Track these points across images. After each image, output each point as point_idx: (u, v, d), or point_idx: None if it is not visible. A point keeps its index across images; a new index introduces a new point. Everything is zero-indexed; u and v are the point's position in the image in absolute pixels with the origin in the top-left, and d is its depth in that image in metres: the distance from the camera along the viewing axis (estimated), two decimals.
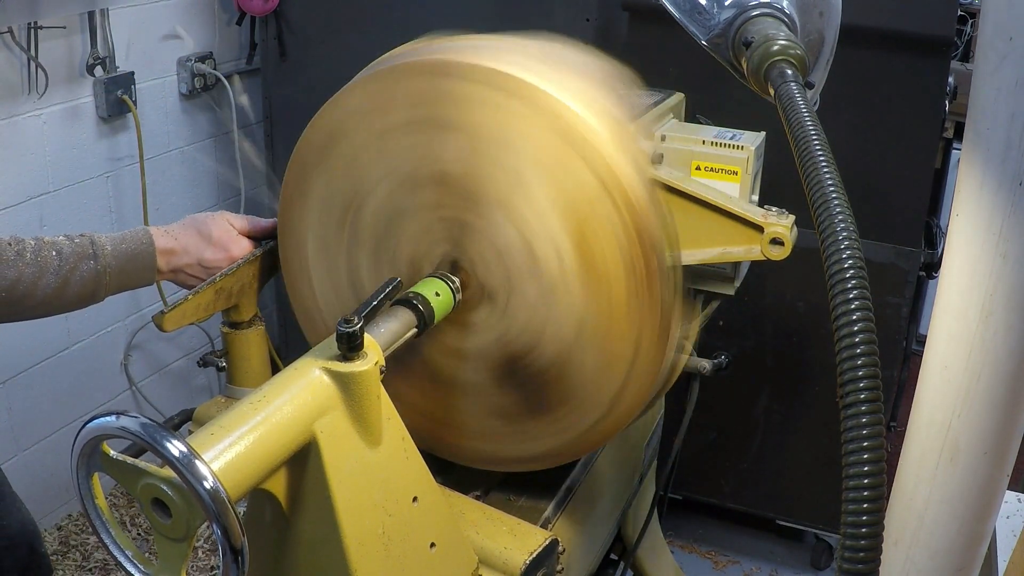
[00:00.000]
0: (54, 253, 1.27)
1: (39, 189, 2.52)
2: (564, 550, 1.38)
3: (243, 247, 1.42)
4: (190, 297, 1.34)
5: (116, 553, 0.99)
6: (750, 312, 2.47)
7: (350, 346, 1.05)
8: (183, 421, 1.50)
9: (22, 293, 1.24)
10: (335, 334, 1.05)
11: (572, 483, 1.49)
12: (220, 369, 1.51)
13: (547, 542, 1.29)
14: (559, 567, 1.35)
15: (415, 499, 1.15)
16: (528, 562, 1.26)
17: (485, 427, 1.35)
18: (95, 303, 1.34)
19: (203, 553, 2.72)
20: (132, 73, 2.69)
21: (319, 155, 1.31)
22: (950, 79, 2.34)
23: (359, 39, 2.73)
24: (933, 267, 2.55)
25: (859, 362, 0.77)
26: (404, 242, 1.30)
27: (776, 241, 1.43)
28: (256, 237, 1.45)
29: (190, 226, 1.40)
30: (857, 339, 0.78)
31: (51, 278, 1.26)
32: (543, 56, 1.25)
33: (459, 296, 1.26)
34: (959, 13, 2.76)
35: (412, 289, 1.23)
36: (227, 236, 1.41)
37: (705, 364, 1.73)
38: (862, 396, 0.76)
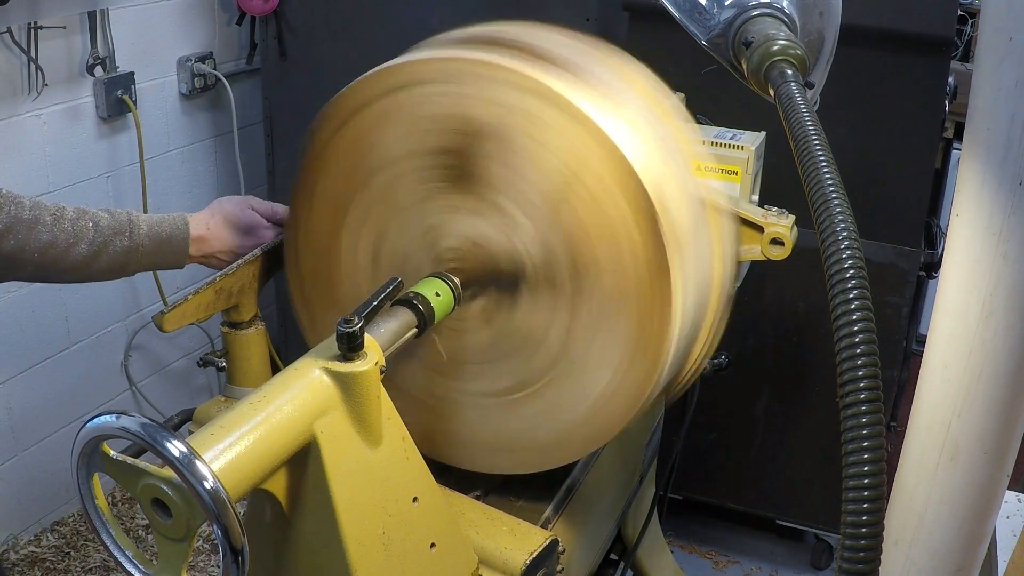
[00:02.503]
0: (91, 224, 1.33)
1: (39, 189, 2.52)
2: (564, 550, 1.38)
3: (271, 235, 1.46)
4: (190, 297, 1.34)
5: (116, 553, 0.99)
6: (750, 312, 2.47)
7: (350, 346, 1.04)
8: (183, 421, 1.50)
9: (54, 257, 1.30)
10: (335, 334, 1.05)
11: (572, 483, 1.49)
12: (220, 369, 1.51)
13: (547, 542, 1.29)
14: (559, 567, 1.35)
15: (415, 499, 1.15)
16: (528, 562, 1.26)
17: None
18: (126, 276, 1.41)
19: (204, 555, 2.72)
20: (132, 73, 2.69)
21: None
22: (950, 79, 2.34)
23: (359, 39, 2.73)
24: (933, 267, 2.55)
25: (859, 362, 0.77)
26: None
27: (776, 241, 1.43)
28: (280, 223, 1.47)
29: (219, 216, 1.45)
30: (857, 339, 0.78)
31: (84, 247, 1.32)
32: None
33: (459, 296, 1.26)
34: (959, 13, 2.77)
35: (412, 289, 1.23)
36: (258, 225, 1.46)
37: (705, 364, 1.73)
38: (862, 396, 0.76)
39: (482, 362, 1.32)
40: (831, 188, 0.87)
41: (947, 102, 2.39)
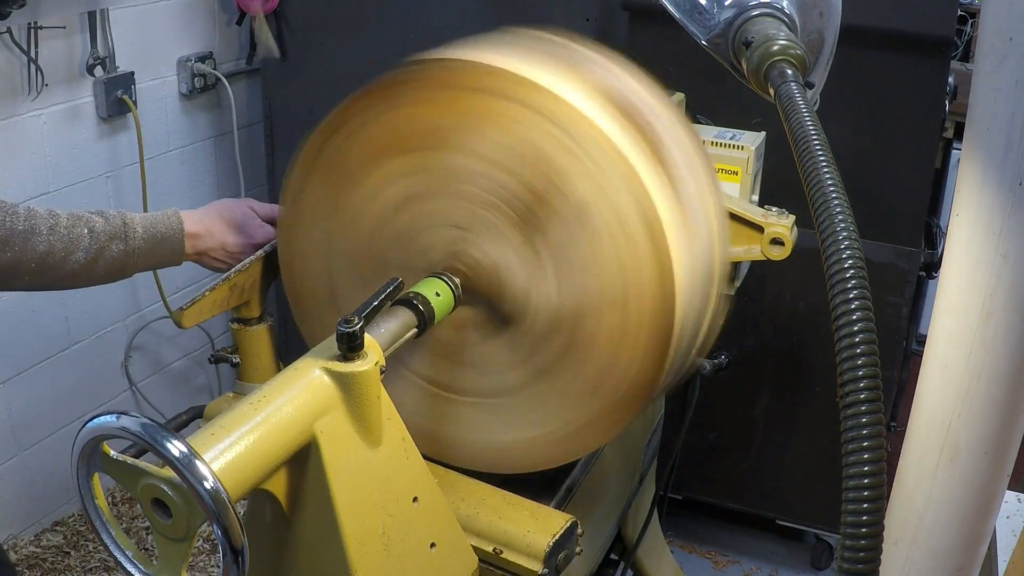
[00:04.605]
0: (86, 231, 1.32)
1: (39, 189, 2.52)
2: (583, 532, 1.39)
3: (266, 233, 1.46)
4: (207, 293, 1.37)
5: (116, 553, 0.99)
6: (750, 312, 2.47)
7: (350, 346, 1.05)
8: (191, 419, 1.50)
9: (51, 265, 1.29)
10: (335, 334, 1.05)
11: (572, 483, 1.49)
12: (234, 365, 1.52)
13: (568, 524, 1.31)
14: (577, 549, 1.36)
15: (415, 499, 1.15)
16: (551, 544, 1.28)
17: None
18: (124, 279, 1.41)
19: (204, 556, 2.72)
20: (132, 73, 2.69)
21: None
22: (950, 79, 2.34)
23: (359, 39, 2.73)
24: (933, 267, 2.55)
25: (859, 362, 0.77)
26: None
27: (776, 241, 1.43)
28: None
29: (215, 211, 1.45)
30: (857, 339, 0.77)
31: (81, 255, 1.31)
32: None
33: (459, 297, 1.26)
34: (959, 13, 2.77)
35: (412, 289, 1.23)
36: (251, 223, 1.46)
37: (705, 364, 1.73)
38: (862, 396, 0.76)
39: (435, 353, 1.33)
40: (831, 188, 0.86)
41: (947, 102, 2.39)
